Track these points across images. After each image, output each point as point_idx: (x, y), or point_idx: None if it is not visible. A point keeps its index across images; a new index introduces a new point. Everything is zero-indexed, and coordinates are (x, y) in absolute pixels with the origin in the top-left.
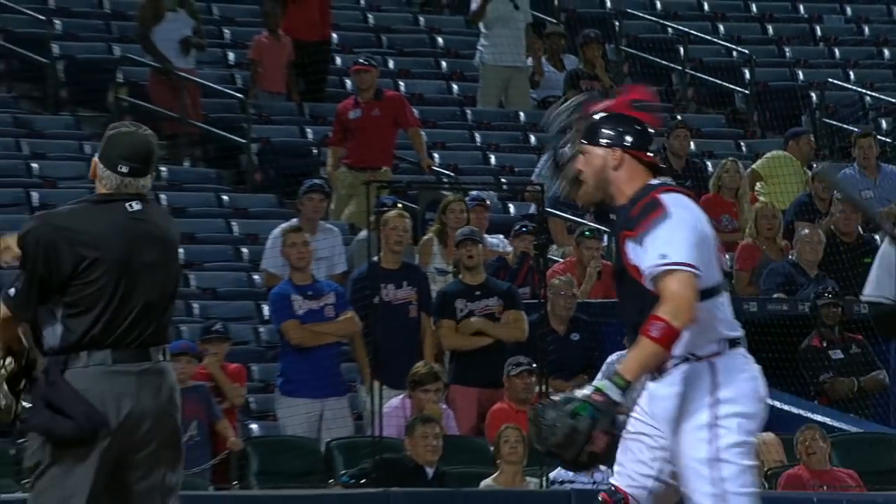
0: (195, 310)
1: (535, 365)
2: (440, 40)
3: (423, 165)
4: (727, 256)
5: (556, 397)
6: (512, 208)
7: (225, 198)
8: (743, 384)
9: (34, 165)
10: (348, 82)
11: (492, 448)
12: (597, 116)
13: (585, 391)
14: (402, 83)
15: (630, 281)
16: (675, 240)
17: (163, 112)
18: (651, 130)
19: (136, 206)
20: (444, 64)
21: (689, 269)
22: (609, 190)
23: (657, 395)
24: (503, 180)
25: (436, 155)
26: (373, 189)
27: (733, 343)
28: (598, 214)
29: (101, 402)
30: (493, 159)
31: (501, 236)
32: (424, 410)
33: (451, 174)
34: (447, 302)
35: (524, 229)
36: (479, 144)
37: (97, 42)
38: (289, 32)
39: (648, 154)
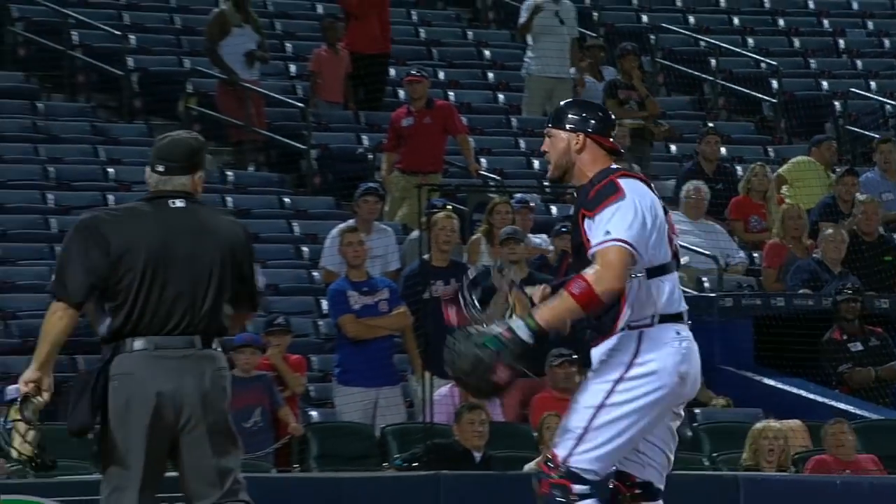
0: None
1: (575, 356)
2: (487, 53)
3: (471, 170)
4: (742, 254)
5: (472, 329)
6: (554, 210)
7: (286, 200)
8: (664, 357)
9: (110, 170)
10: (401, 92)
11: (535, 434)
12: (562, 103)
13: (498, 327)
14: (451, 93)
15: (585, 256)
16: (620, 220)
17: (229, 120)
18: (613, 117)
19: (179, 203)
20: (490, 75)
21: (623, 244)
22: (571, 170)
23: (594, 357)
24: (546, 184)
25: (483, 160)
26: (424, 192)
27: (666, 318)
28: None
29: (142, 385)
30: (536, 164)
31: (545, 236)
32: (471, 398)
33: (498, 178)
34: (491, 295)
35: (564, 229)
36: (523, 150)
37: (168, 55)
38: (351, 46)
39: (610, 139)
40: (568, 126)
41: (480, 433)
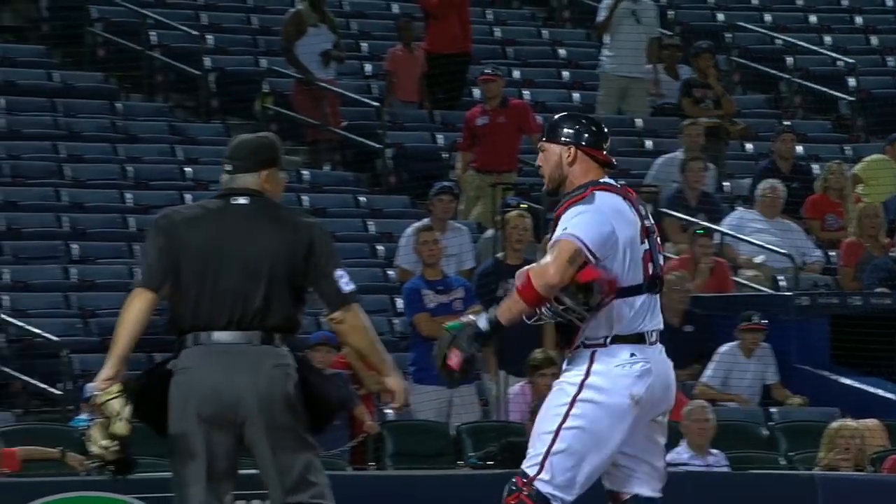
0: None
1: None
2: (562, 51)
3: None
4: (818, 253)
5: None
6: None
7: (362, 199)
8: (614, 379)
9: (187, 170)
10: (476, 91)
11: None
12: (556, 117)
13: (471, 316)
14: (526, 92)
15: None
16: (580, 221)
17: (305, 120)
18: (606, 131)
19: (242, 200)
20: (565, 74)
21: (574, 238)
22: (564, 182)
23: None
24: (621, 182)
25: None
26: (498, 191)
27: (621, 339)
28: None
29: (199, 380)
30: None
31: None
32: (543, 394)
33: None
34: None
35: None
36: None
37: (245, 55)
38: (430, 46)
39: (603, 152)
40: (561, 139)
41: None
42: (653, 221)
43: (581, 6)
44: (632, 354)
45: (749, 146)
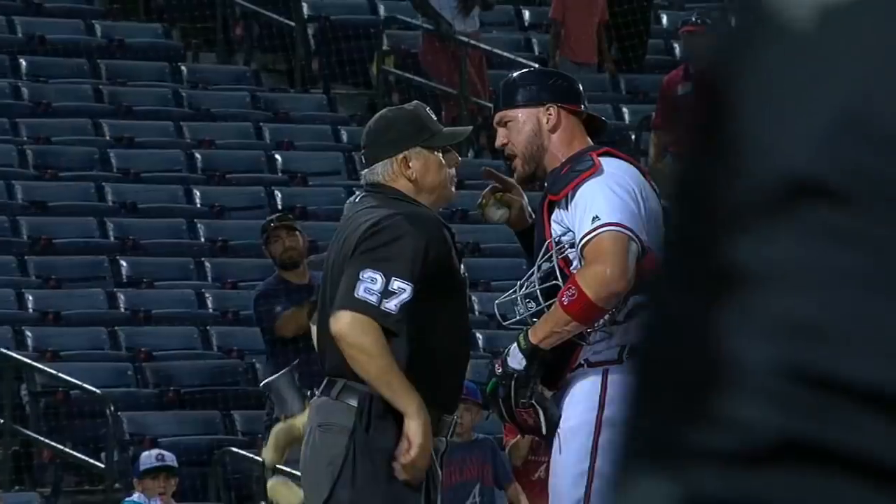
0: (479, 341)
1: None
2: None
3: None
4: None
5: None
6: None
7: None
8: None
9: (278, 157)
10: (677, 47)
11: None
12: (514, 76)
13: (500, 359)
14: None
15: (554, 268)
16: (605, 200)
17: (438, 88)
18: (578, 84)
19: (356, 198)
20: None
21: (619, 228)
22: (544, 159)
23: (560, 407)
24: None
25: None
26: None
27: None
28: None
29: None
30: None
31: None
32: None
33: None
34: None
35: None
36: None
37: (357, 1)
38: None
39: (584, 110)
40: (535, 99)
41: None
42: None
43: None
44: None
45: None
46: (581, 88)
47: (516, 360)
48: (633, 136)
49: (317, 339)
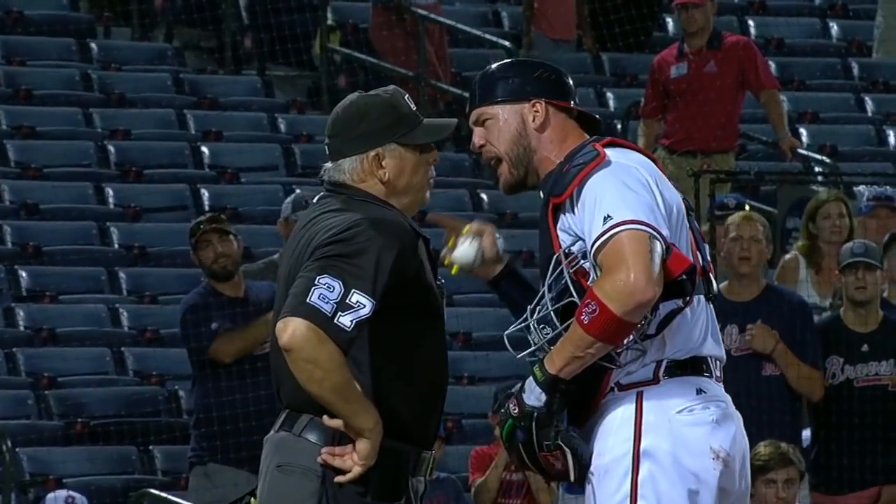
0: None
1: None
2: None
3: (784, 147)
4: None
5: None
6: None
7: (484, 197)
8: (683, 430)
9: (204, 150)
10: (670, 23)
11: None
12: (492, 68)
13: (515, 396)
14: (751, 22)
15: (562, 277)
16: (618, 195)
17: (392, 69)
18: (568, 78)
19: (315, 199)
20: None
21: (638, 226)
22: (533, 162)
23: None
24: None
25: (802, 131)
26: (706, 183)
27: (680, 369)
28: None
29: None
30: (892, 137)
31: None
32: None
33: (828, 160)
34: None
35: None
36: (871, 114)
37: None
38: None
39: (573, 105)
40: (519, 95)
41: None
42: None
43: None
44: (699, 391)
45: None
46: (571, 83)
47: (534, 395)
48: (618, 126)
49: (273, 364)
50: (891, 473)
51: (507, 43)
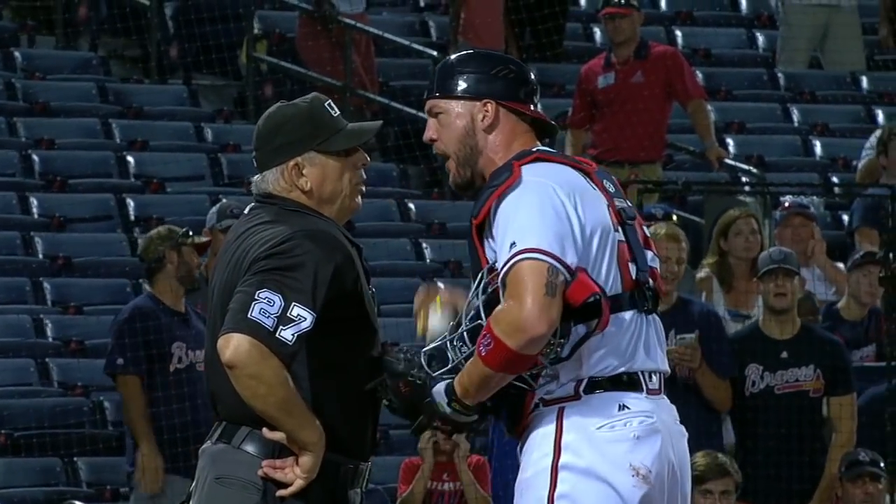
0: None
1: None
2: None
3: (711, 157)
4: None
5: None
6: (847, 221)
7: (411, 206)
8: (602, 446)
9: (130, 160)
10: (597, 32)
11: None
12: (452, 58)
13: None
14: (678, 32)
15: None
16: (525, 220)
17: (319, 79)
18: (533, 76)
19: (246, 210)
20: (743, 3)
21: (535, 255)
22: (479, 163)
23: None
24: (834, 180)
25: (729, 141)
26: (633, 193)
27: (600, 385)
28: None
29: None
30: (818, 147)
31: (841, 265)
32: None
33: (755, 171)
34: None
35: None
36: (797, 125)
37: None
38: None
39: (532, 107)
40: (470, 91)
41: None
42: (631, 204)
43: None
44: (621, 407)
45: None
46: (532, 80)
47: (445, 404)
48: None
49: (208, 376)
50: (815, 481)
51: (434, 52)
